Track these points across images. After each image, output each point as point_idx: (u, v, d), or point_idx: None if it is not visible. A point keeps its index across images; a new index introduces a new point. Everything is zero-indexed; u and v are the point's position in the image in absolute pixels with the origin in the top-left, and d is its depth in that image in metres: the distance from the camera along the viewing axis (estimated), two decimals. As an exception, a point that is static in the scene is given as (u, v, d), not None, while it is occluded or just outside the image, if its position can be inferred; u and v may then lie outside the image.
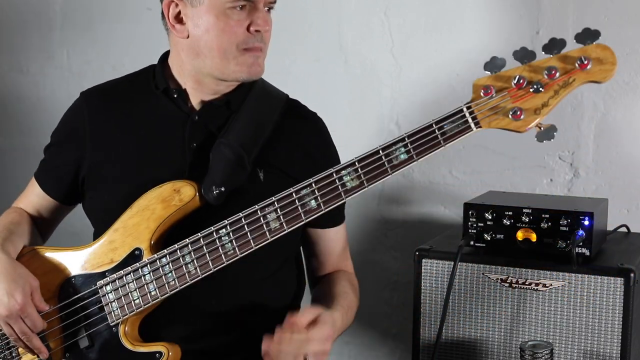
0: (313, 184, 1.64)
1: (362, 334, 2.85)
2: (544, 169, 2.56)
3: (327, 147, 1.94)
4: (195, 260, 1.69)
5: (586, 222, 2.04)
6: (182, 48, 1.80)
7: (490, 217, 2.12)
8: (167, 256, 1.70)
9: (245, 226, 1.67)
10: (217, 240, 1.68)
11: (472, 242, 2.14)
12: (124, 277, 1.73)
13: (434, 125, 1.61)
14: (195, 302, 1.77)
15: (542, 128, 1.54)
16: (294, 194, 1.65)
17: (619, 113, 2.48)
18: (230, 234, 1.67)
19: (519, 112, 1.53)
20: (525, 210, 2.09)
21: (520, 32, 2.55)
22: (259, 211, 1.66)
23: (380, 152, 1.62)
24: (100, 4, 3.07)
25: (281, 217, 1.65)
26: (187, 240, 1.69)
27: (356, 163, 1.62)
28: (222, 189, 1.73)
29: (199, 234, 1.69)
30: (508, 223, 2.10)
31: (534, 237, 2.08)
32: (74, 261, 1.79)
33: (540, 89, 1.52)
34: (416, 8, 2.66)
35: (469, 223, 2.13)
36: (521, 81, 1.53)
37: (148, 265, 1.71)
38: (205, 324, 1.81)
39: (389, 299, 2.80)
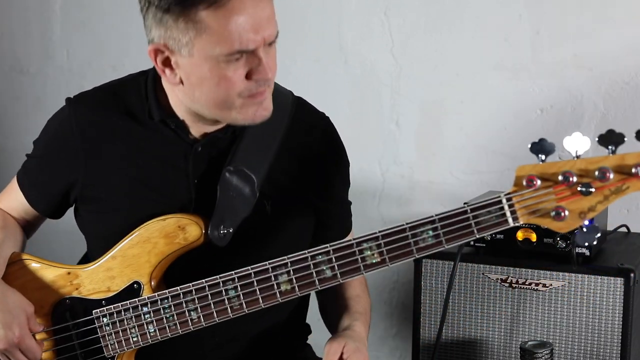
0: (331, 252, 1.53)
1: (362, 334, 2.85)
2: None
3: (337, 153, 1.82)
4: (199, 309, 1.61)
5: (586, 222, 2.04)
6: (178, 90, 1.64)
7: (490, 217, 2.11)
8: (169, 299, 1.63)
9: (255, 283, 1.57)
10: (223, 292, 1.59)
11: (472, 242, 2.14)
12: (122, 312, 1.66)
13: (469, 212, 1.47)
14: (196, 333, 1.69)
15: (584, 229, 1.42)
16: (309, 259, 1.54)
17: (619, 113, 2.48)
18: (238, 287, 1.58)
19: (562, 214, 1.40)
20: (525, 210, 2.08)
21: (520, 32, 2.55)
22: (270, 270, 1.56)
23: (407, 230, 1.50)
24: (100, 3, 3.07)
25: (294, 280, 1.55)
26: (190, 285, 1.61)
27: (380, 238, 1.50)
28: (230, 230, 1.65)
29: (204, 281, 1.60)
30: (508, 223, 2.10)
31: (534, 237, 2.08)
32: (69, 281, 1.71)
33: (590, 191, 1.38)
34: (416, 8, 2.66)
35: (469, 223, 2.13)
36: (570, 179, 1.38)
37: (148, 305, 1.64)
38: (206, 354, 1.76)
39: (389, 299, 2.80)
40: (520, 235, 2.09)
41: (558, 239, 2.06)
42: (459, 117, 2.64)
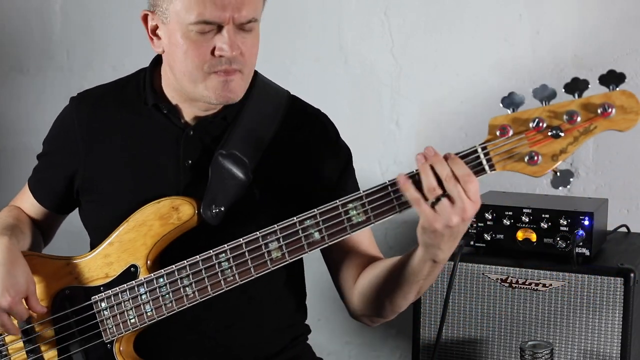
0: (318, 215, 1.56)
1: (362, 334, 2.85)
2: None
3: (333, 145, 1.84)
4: (193, 284, 1.64)
5: (586, 222, 2.04)
6: (165, 63, 1.75)
7: (490, 217, 2.12)
8: (165, 277, 1.65)
9: (246, 253, 1.60)
10: (216, 265, 1.62)
11: (472, 242, 2.14)
12: (119, 295, 1.68)
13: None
14: (193, 318, 1.72)
15: (558, 173, 1.46)
16: (297, 224, 1.57)
17: (619, 113, 2.48)
18: (231, 259, 1.61)
19: (535, 158, 1.45)
20: (525, 210, 2.09)
21: (520, 32, 2.55)
22: (260, 239, 1.59)
23: (389, 187, 1.53)
24: (100, 4, 3.07)
25: (283, 246, 1.58)
26: (185, 262, 1.64)
27: (364, 197, 1.54)
28: (222, 208, 1.68)
29: (197, 256, 1.63)
30: (508, 223, 2.11)
31: (534, 237, 2.08)
32: (68, 272, 1.74)
33: (560, 134, 1.44)
34: (416, 8, 2.66)
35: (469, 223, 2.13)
36: (540, 124, 1.45)
37: (145, 285, 1.67)
38: (203, 341, 1.77)
39: (389, 299, 2.80)
40: (520, 235, 2.10)
41: (558, 239, 2.06)
42: (459, 117, 2.64)
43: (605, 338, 2.02)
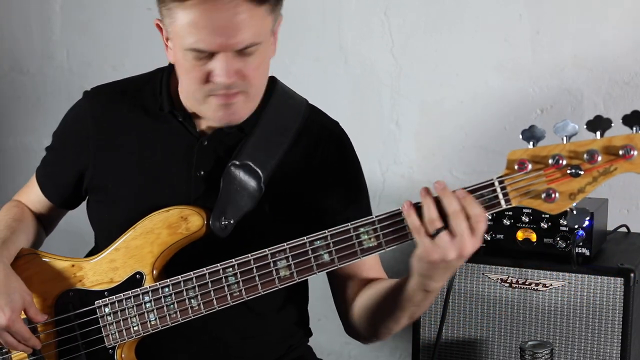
0: (329, 237, 1.54)
1: (362, 334, 2.85)
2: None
3: (349, 164, 1.80)
4: (199, 296, 1.62)
5: (586, 222, 2.04)
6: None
7: (490, 217, 2.11)
8: (170, 287, 1.64)
9: (254, 269, 1.58)
10: (223, 279, 1.60)
11: (472, 242, 2.14)
12: (123, 301, 1.67)
13: None
14: (195, 328, 1.70)
15: (574, 212, 1.45)
16: (307, 244, 1.55)
17: (619, 113, 2.47)
18: (238, 274, 1.59)
19: (553, 195, 1.43)
20: (525, 210, 2.09)
21: (520, 32, 2.55)
22: (269, 256, 1.57)
23: (402, 215, 1.51)
24: (100, 4, 3.07)
25: (292, 266, 1.56)
26: (191, 273, 1.62)
27: (376, 222, 1.52)
28: (232, 221, 1.66)
29: (204, 269, 1.61)
30: (508, 223, 2.11)
31: (534, 237, 2.08)
32: (73, 274, 1.73)
33: (580, 173, 1.41)
34: (416, 8, 2.66)
35: (469, 223, 2.13)
36: (560, 162, 1.42)
37: (150, 293, 1.65)
38: (206, 348, 1.76)
39: (389, 299, 2.80)
40: (520, 235, 2.10)
41: (558, 239, 2.06)
42: (459, 117, 2.64)
43: (605, 338, 2.02)
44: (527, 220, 2.08)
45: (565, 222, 1.48)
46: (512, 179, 1.47)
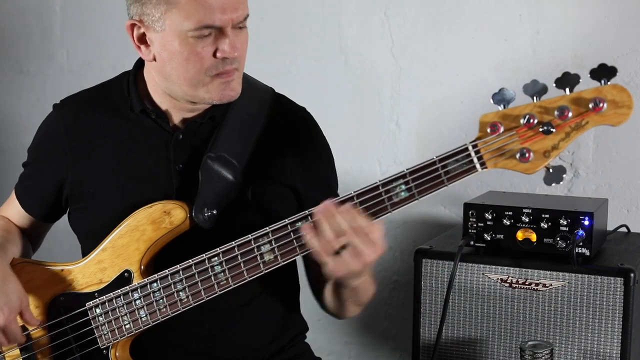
0: (309, 217, 1.55)
1: (362, 334, 2.85)
2: (544, 169, 2.56)
3: (317, 146, 1.85)
4: (187, 288, 1.64)
5: (586, 222, 2.04)
6: (153, 69, 1.73)
7: (490, 217, 2.12)
8: (158, 281, 1.66)
9: (239, 256, 1.60)
10: (209, 269, 1.62)
11: (472, 242, 2.14)
12: (114, 300, 1.69)
13: (437, 162, 1.52)
14: (187, 322, 1.72)
15: (550, 170, 1.45)
16: (289, 226, 1.57)
17: (619, 113, 2.48)
18: (223, 263, 1.61)
19: (527, 155, 1.44)
20: (525, 210, 2.09)
21: (520, 32, 2.55)
22: (252, 241, 1.59)
23: (380, 187, 1.53)
24: (100, 4, 3.07)
25: (276, 249, 1.58)
26: (178, 266, 1.64)
27: (355, 198, 1.53)
28: (214, 211, 1.68)
29: (190, 261, 1.63)
30: (508, 223, 2.10)
31: (534, 237, 2.08)
32: (62, 279, 1.74)
33: (551, 130, 1.42)
34: (416, 8, 2.66)
35: (469, 223, 2.13)
36: (531, 120, 1.43)
37: (138, 290, 1.67)
38: (199, 344, 1.77)
39: (389, 299, 2.80)
40: (520, 235, 2.10)
41: (558, 239, 2.06)
42: (459, 117, 2.64)
43: (605, 338, 2.02)
44: (527, 220, 2.08)
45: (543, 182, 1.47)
46: (485, 142, 1.48)
